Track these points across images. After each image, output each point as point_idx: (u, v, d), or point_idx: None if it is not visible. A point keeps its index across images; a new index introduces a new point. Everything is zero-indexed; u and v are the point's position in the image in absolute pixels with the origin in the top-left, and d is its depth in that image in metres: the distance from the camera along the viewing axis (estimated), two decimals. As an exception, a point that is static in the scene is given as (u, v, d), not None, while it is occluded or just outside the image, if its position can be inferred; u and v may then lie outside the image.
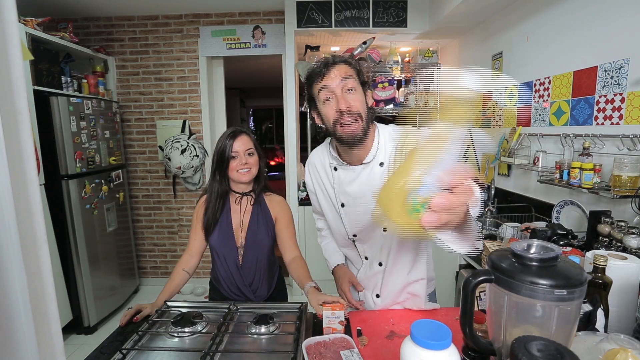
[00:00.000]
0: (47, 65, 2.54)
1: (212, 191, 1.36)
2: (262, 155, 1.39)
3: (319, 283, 1.26)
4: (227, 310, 1.22)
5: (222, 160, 1.31)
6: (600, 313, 0.86)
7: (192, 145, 3.23)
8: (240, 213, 1.39)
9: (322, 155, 1.21)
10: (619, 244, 1.41)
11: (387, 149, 1.08)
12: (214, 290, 1.48)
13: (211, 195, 1.37)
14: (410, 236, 0.58)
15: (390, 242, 1.14)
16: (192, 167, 3.24)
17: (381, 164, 1.08)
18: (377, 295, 1.25)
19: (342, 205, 1.16)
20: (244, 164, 1.31)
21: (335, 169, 1.15)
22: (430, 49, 3.27)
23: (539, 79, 2.16)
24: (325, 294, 1.15)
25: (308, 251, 3.30)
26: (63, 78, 2.70)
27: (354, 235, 1.21)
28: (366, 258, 1.24)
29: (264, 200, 1.42)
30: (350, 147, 1.05)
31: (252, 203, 1.39)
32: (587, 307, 0.86)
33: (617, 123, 1.65)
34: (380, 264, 1.20)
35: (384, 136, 1.10)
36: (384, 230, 1.13)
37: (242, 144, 1.32)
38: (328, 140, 1.20)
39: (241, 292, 1.41)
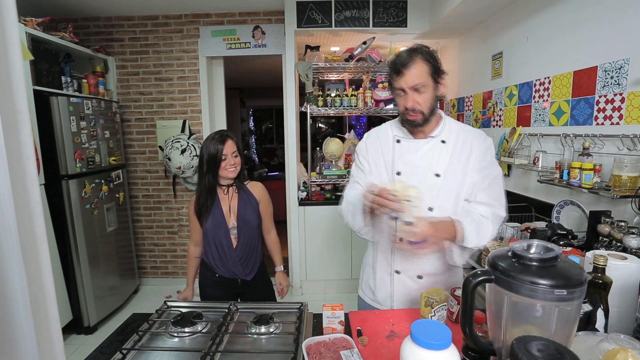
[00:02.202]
0: (47, 65, 2.54)
1: (204, 187, 1.61)
2: (242, 154, 1.69)
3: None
4: (227, 310, 1.22)
5: (214, 162, 1.57)
6: (600, 313, 0.86)
7: (192, 145, 3.22)
8: (228, 200, 1.65)
9: (385, 129, 1.33)
10: (619, 244, 1.41)
11: (451, 131, 1.24)
12: (206, 268, 1.70)
13: (202, 190, 1.61)
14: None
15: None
16: (192, 167, 3.23)
17: (443, 142, 1.22)
18: (419, 277, 1.26)
19: (398, 173, 1.25)
20: (232, 164, 1.59)
21: (399, 141, 1.27)
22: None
23: (539, 79, 2.16)
24: (287, 279, 1.82)
25: (308, 251, 3.30)
26: (63, 78, 2.70)
27: None
28: (401, 240, 1.23)
29: (246, 187, 1.70)
30: (412, 128, 1.22)
31: (236, 191, 1.67)
32: (587, 307, 0.86)
33: (617, 123, 1.64)
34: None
35: (449, 121, 1.27)
36: (430, 209, 1.20)
37: (229, 148, 1.59)
38: (393, 120, 1.35)
39: (231, 269, 1.65)
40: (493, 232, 1.14)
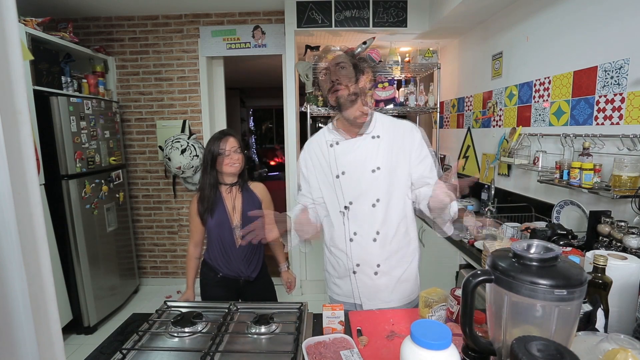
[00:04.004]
0: (47, 65, 2.54)
1: (206, 183, 1.63)
2: (243, 154, 1.70)
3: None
4: (227, 310, 1.22)
5: (214, 158, 1.61)
6: (600, 313, 0.86)
7: (192, 145, 3.22)
8: (232, 199, 1.67)
9: (319, 137, 1.41)
10: (619, 244, 1.41)
11: (384, 126, 1.34)
12: (207, 268, 1.71)
13: (205, 187, 1.63)
14: None
15: (381, 215, 1.30)
16: (192, 167, 3.23)
17: (377, 137, 1.32)
18: (375, 273, 1.32)
19: (342, 173, 1.33)
20: (235, 159, 1.62)
21: (336, 144, 1.35)
22: (430, 49, 3.27)
23: (539, 79, 2.16)
24: (292, 274, 1.85)
25: (308, 251, 3.30)
26: (63, 78, 2.70)
27: (350, 203, 1.32)
28: (351, 240, 1.33)
29: (249, 187, 1.73)
30: (341, 110, 1.28)
31: (240, 191, 1.69)
32: (587, 307, 0.86)
33: (617, 123, 1.64)
34: (374, 240, 1.30)
35: (380, 117, 1.37)
36: (376, 201, 1.29)
37: (230, 144, 1.62)
38: (326, 126, 1.43)
39: (235, 268, 1.66)
40: None
